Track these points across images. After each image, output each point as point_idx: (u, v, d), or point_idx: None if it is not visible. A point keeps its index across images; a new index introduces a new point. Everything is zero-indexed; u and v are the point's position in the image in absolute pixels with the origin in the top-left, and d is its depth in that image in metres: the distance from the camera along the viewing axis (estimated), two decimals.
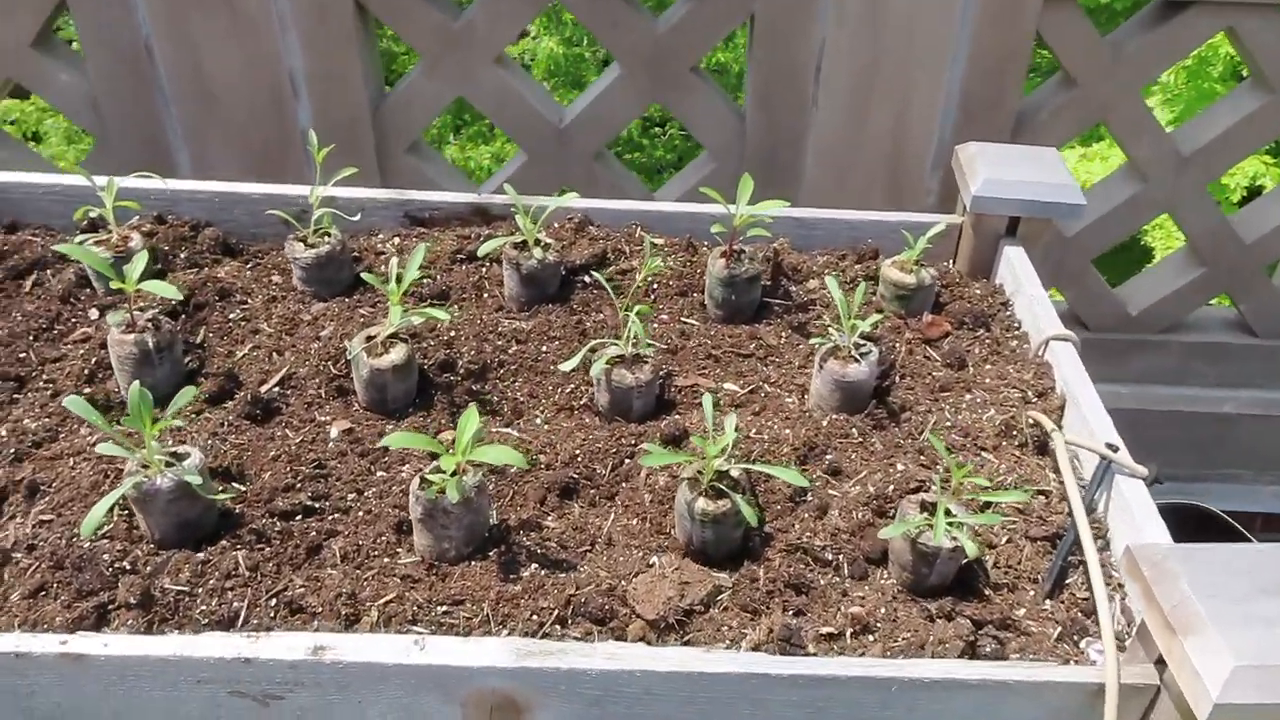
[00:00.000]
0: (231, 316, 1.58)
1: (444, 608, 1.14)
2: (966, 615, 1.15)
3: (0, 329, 1.54)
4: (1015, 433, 1.40)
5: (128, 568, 1.16)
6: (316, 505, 1.26)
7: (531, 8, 1.95)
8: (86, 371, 1.46)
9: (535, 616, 1.13)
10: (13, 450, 1.33)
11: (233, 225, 1.83)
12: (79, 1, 2.00)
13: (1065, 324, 1.58)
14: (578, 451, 1.37)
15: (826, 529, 1.28)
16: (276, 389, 1.45)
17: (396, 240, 1.78)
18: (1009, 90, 1.99)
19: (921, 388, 1.50)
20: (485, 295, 1.69)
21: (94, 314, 1.59)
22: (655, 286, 1.70)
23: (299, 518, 1.25)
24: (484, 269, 1.74)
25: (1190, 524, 2.33)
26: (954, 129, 2.05)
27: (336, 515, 1.26)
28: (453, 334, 1.57)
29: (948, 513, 1.18)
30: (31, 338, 1.53)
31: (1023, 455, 1.38)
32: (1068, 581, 1.23)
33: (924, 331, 1.60)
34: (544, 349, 1.57)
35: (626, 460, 1.37)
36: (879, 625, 1.15)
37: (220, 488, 1.27)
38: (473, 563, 1.20)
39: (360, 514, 1.26)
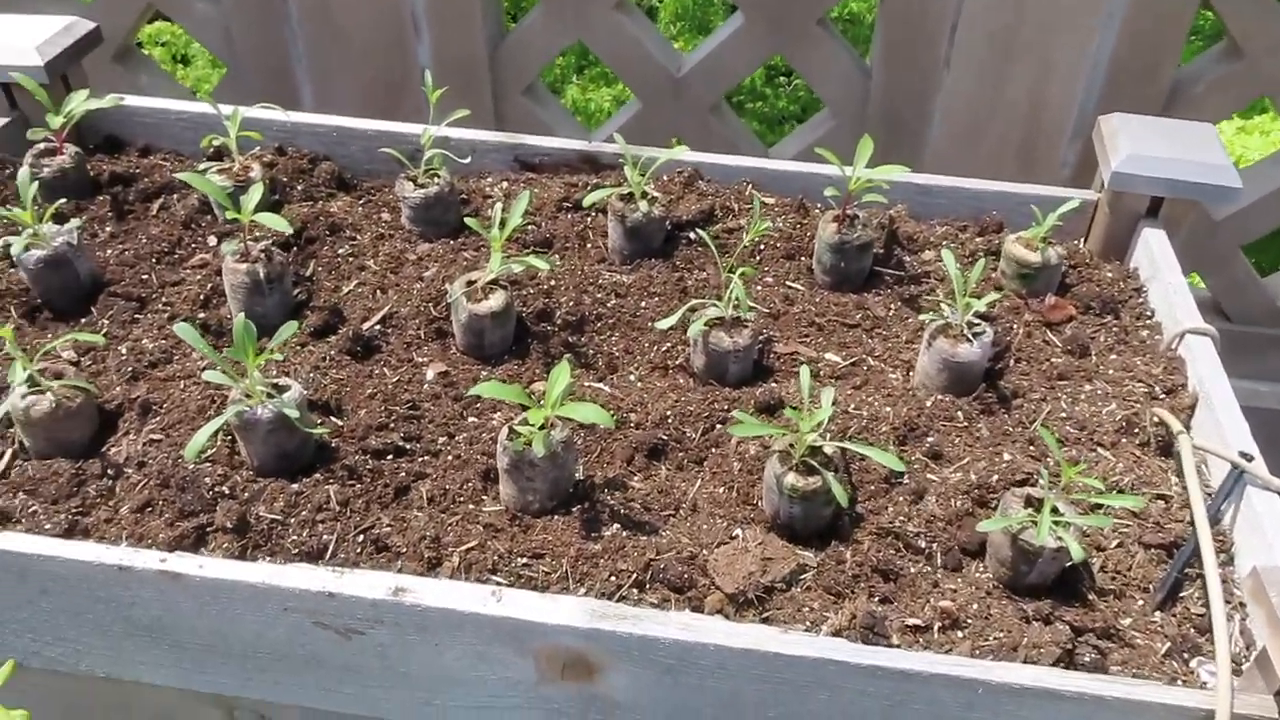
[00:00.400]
0: (340, 252, 1.61)
1: (523, 560, 1.14)
2: (1066, 620, 1.09)
3: (127, 250, 1.60)
4: (1137, 430, 1.31)
5: (226, 492, 1.20)
6: (408, 446, 1.28)
7: None
8: (202, 297, 1.51)
9: (613, 578, 1.12)
10: (130, 369, 1.38)
11: (348, 160, 1.85)
12: None
13: (1203, 313, 1.46)
14: (669, 413, 1.35)
15: (922, 515, 1.22)
16: (378, 327, 1.47)
17: (505, 185, 1.77)
18: (1165, 58, 1.83)
19: (1037, 374, 1.42)
20: (588, 246, 1.67)
21: (212, 241, 1.64)
22: (762, 247, 1.65)
23: (390, 457, 1.26)
24: (589, 218, 1.71)
25: None
26: (1099, 98, 1.90)
27: (426, 458, 1.27)
28: (552, 283, 1.55)
29: (1054, 511, 1.11)
30: (154, 260, 1.58)
31: (1143, 455, 1.29)
32: (1182, 595, 1.14)
33: (1045, 314, 1.50)
34: (643, 304, 1.55)
35: (718, 425, 1.34)
36: (969, 621, 1.10)
37: (318, 421, 1.30)
38: (555, 517, 1.20)
39: (449, 458, 1.27)
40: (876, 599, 1.11)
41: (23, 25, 1.90)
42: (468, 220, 1.45)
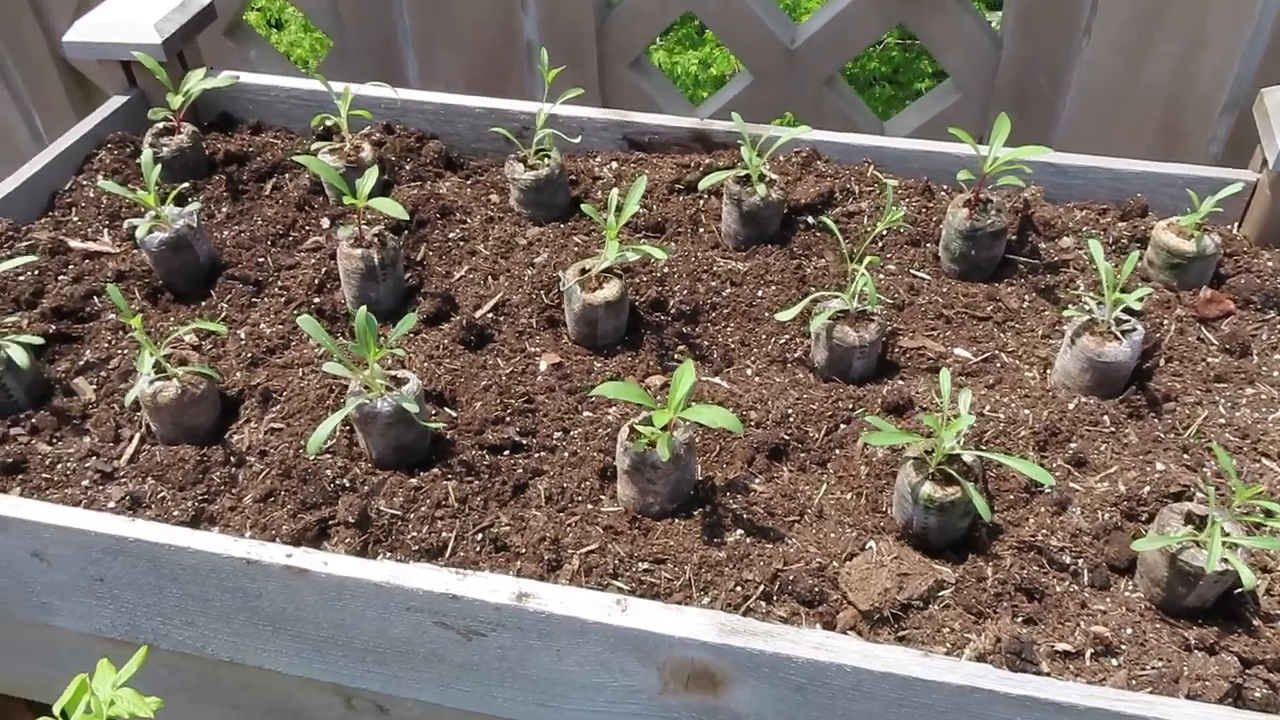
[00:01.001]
0: (451, 236, 1.59)
1: (645, 565, 1.11)
2: (1233, 650, 1.01)
3: (243, 232, 1.61)
4: None
5: (347, 485, 1.19)
6: (524, 442, 1.26)
7: None
8: (316, 281, 1.50)
9: (739, 588, 1.07)
10: (249, 355, 1.39)
11: (455, 139, 1.83)
12: None
13: None
14: (790, 410, 1.29)
15: (1065, 528, 1.15)
16: (490, 315, 1.44)
17: (614, 165, 1.72)
18: None
19: (1191, 375, 1.32)
20: (700, 230, 1.61)
21: (325, 223, 1.63)
22: (884, 233, 1.57)
23: (507, 453, 1.24)
24: (701, 201, 1.65)
25: None
26: (1258, 68, 1.74)
27: (543, 454, 1.25)
28: (665, 270, 1.51)
29: (1222, 531, 1.02)
30: (269, 243, 1.59)
31: None
32: None
33: (1200, 309, 1.39)
34: (759, 294, 1.49)
35: (842, 425, 1.28)
36: (1123, 647, 1.03)
37: (433, 413, 1.28)
38: (676, 520, 1.16)
39: (566, 455, 1.25)
40: (1020, 619, 1.05)
41: (139, 3, 1.91)
42: (583, 206, 1.41)
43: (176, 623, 1.20)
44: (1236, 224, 1.56)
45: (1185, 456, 1.22)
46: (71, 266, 1.56)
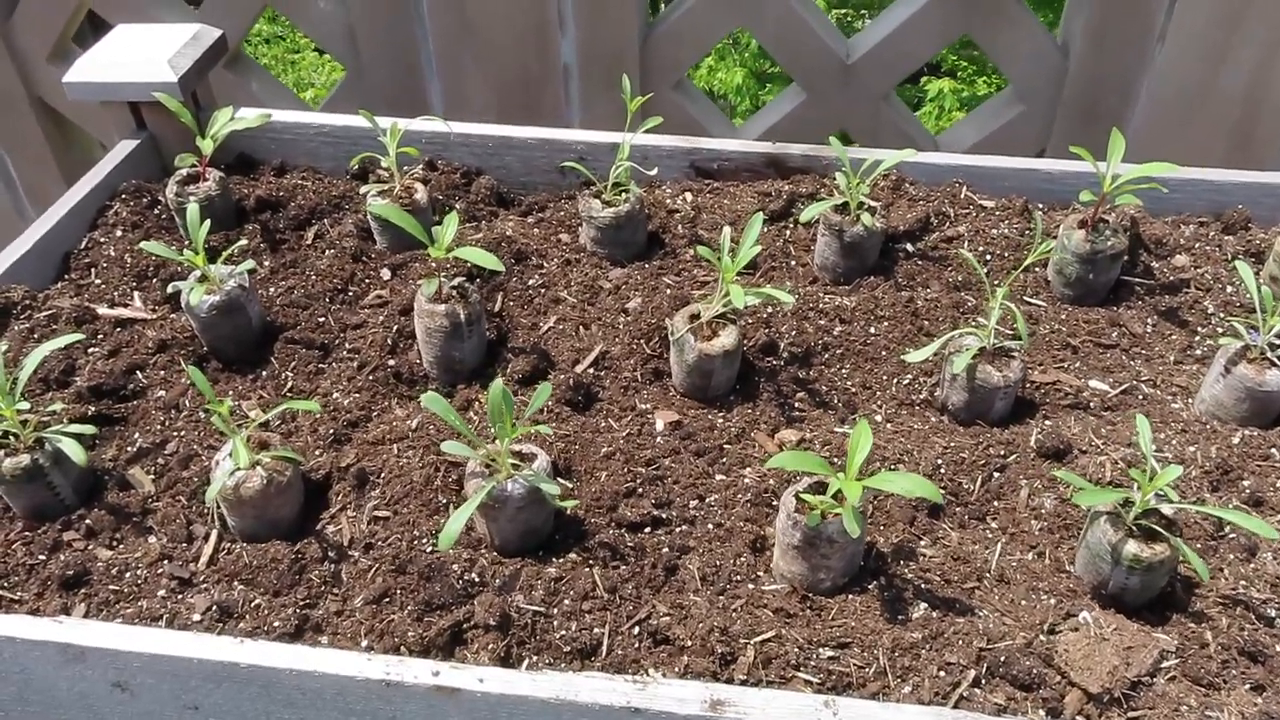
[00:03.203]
0: (530, 283, 1.46)
1: (828, 651, 1.00)
2: None
3: (295, 289, 1.46)
4: None
5: (476, 580, 1.06)
6: (662, 515, 1.13)
7: None
8: (389, 341, 1.36)
9: (943, 673, 0.97)
10: (331, 432, 1.24)
11: (503, 173, 1.70)
12: None
13: None
14: (940, 461, 1.19)
15: (1262, 576, 1.07)
16: (591, 370, 1.32)
17: (689, 196, 1.61)
18: None
19: None
20: (794, 264, 1.51)
21: (385, 274, 1.49)
22: (988, 258, 1.48)
23: (648, 530, 1.12)
24: (787, 231, 1.55)
25: None
26: None
27: (685, 527, 1.13)
28: (769, 311, 1.40)
29: None
30: (328, 300, 1.44)
31: None
32: None
33: None
34: (872, 331, 1.39)
35: (995, 474, 1.19)
36: None
37: (565, 490, 1.15)
38: (850, 596, 1.05)
39: (710, 527, 1.13)
40: (1248, 686, 0.96)
41: (147, 36, 1.75)
42: (700, 250, 1.30)
43: None
44: None
45: None
46: (102, 337, 1.40)
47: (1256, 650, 0.99)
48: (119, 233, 1.57)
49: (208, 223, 1.35)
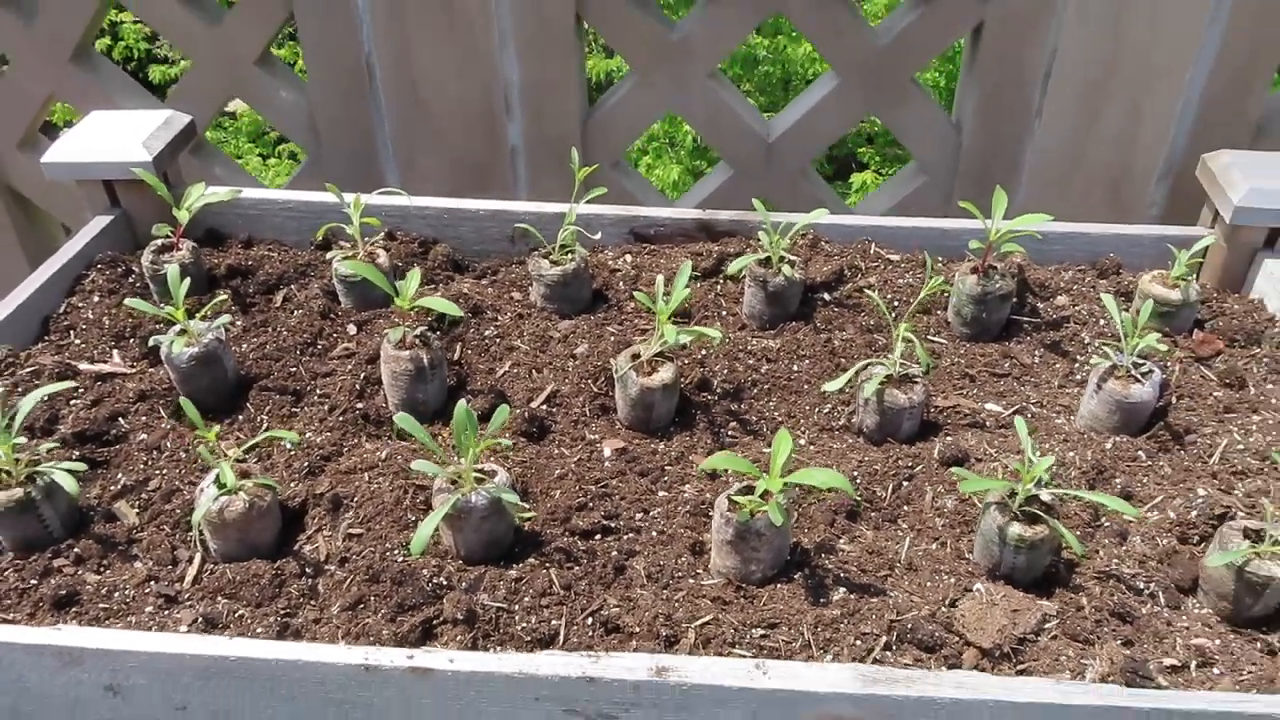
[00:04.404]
0: (486, 334, 1.60)
1: (760, 630, 1.13)
2: None
3: (266, 344, 1.58)
4: None
5: (444, 582, 1.17)
6: (611, 524, 1.26)
7: (753, 18, 1.94)
8: (357, 387, 1.49)
9: (859, 642, 1.10)
10: (304, 465, 1.36)
11: (458, 242, 1.86)
12: (306, 21, 2.06)
13: None
14: (856, 473, 1.35)
15: (1132, 556, 1.23)
16: (544, 406, 1.46)
17: (629, 258, 1.78)
18: (1254, 94, 1.90)
19: (1203, 409, 1.44)
20: (724, 313, 1.68)
21: (351, 329, 1.62)
22: (896, 304, 1.67)
23: (598, 536, 1.25)
24: (718, 286, 1.73)
25: None
26: (1188, 137, 1.97)
27: (631, 535, 1.26)
28: (704, 353, 1.56)
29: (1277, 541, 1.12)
30: (298, 352, 1.57)
31: None
32: None
33: (1195, 349, 1.53)
34: (795, 368, 1.55)
35: (905, 482, 1.34)
36: (1217, 657, 1.10)
37: (522, 505, 1.28)
38: (778, 585, 1.18)
39: (654, 534, 1.26)
40: (1120, 641, 1.11)
41: (121, 120, 1.89)
42: (637, 295, 1.46)
43: None
44: (1195, 274, 1.74)
45: (1216, 482, 1.33)
46: (83, 391, 1.50)
47: (1126, 612, 1.14)
48: (96, 298, 1.69)
49: (188, 280, 1.48)
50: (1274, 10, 1.81)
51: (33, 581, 1.21)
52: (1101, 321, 1.62)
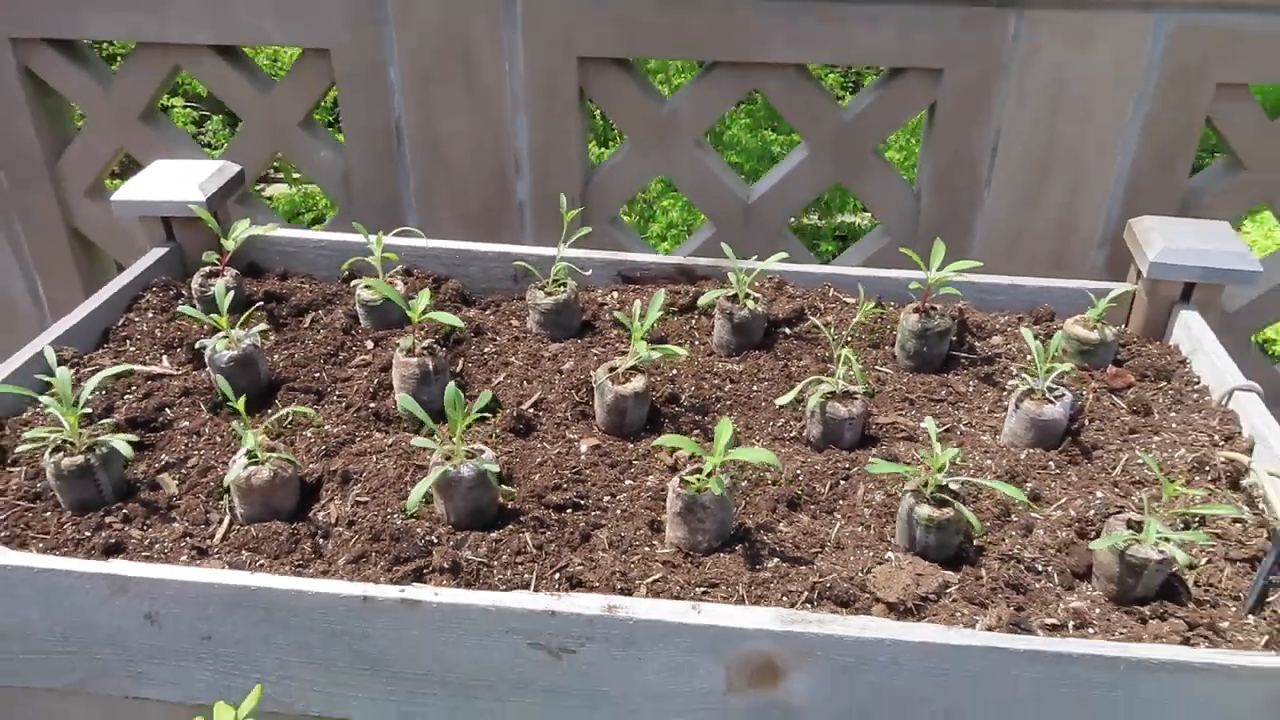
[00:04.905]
0: (485, 350, 1.83)
1: (702, 588, 1.31)
2: (1179, 617, 1.26)
3: (294, 355, 1.81)
4: (1208, 469, 1.52)
5: (435, 540, 1.37)
6: (581, 502, 1.46)
7: (733, 95, 2.22)
8: (371, 389, 1.71)
9: (785, 598, 1.29)
10: (322, 448, 1.57)
11: (467, 279, 2.10)
12: (347, 89, 2.35)
13: None
14: (799, 472, 1.55)
15: (1034, 544, 1.41)
16: (531, 410, 1.67)
17: (615, 295, 2.02)
18: (1178, 171, 2.15)
19: (1111, 430, 1.63)
20: (696, 343, 1.90)
21: (369, 344, 1.86)
22: (849, 340, 1.89)
23: (569, 510, 1.45)
24: (693, 320, 1.95)
25: None
26: (1121, 208, 2.21)
27: (598, 512, 1.46)
28: (675, 373, 1.78)
29: (1155, 528, 1.30)
30: (322, 361, 1.80)
31: (1216, 488, 1.49)
32: (1269, 600, 1.32)
33: (1109, 381, 1.73)
34: (754, 389, 1.76)
35: (842, 481, 1.54)
36: (1095, 622, 1.27)
37: (504, 486, 1.48)
38: (721, 555, 1.37)
39: (618, 512, 1.46)
40: (1012, 607, 1.29)
41: (180, 168, 2.17)
42: (616, 315, 1.69)
43: (273, 678, 1.32)
44: (1123, 325, 1.95)
45: (1116, 489, 1.51)
46: (135, 387, 1.73)
47: (1019, 584, 1.32)
48: (150, 314, 1.93)
49: (231, 294, 1.72)
50: (1186, 103, 2.07)
51: (87, 533, 1.42)
52: (1029, 356, 1.82)
